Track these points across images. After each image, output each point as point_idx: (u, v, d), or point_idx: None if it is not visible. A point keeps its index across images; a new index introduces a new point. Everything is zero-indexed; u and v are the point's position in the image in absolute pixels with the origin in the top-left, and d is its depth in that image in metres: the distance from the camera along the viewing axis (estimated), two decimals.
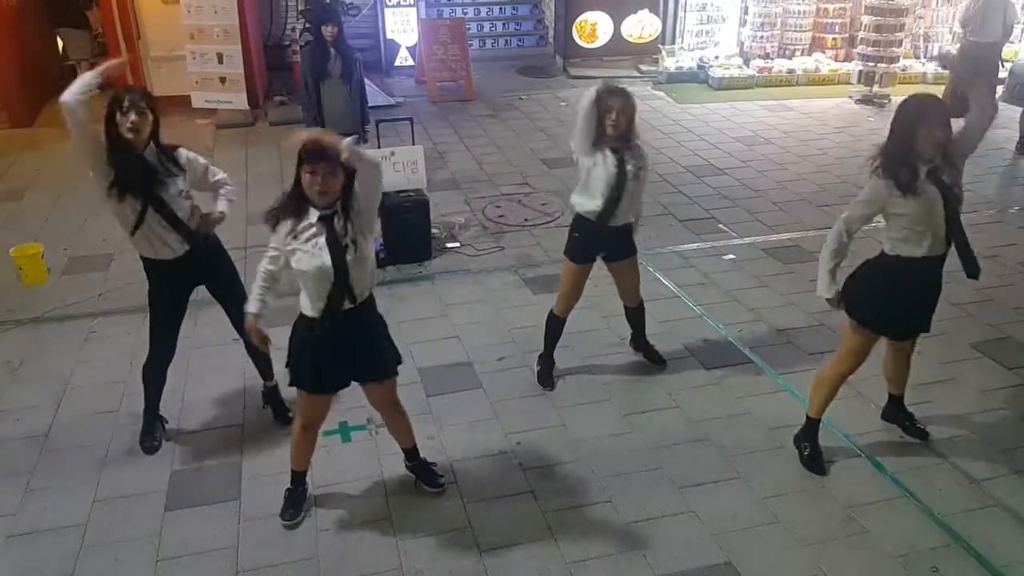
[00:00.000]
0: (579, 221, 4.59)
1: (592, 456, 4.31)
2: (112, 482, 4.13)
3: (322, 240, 3.29)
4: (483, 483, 4.12)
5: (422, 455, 4.10)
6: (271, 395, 4.64)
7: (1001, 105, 9.65)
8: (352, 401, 4.63)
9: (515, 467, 4.23)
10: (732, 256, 6.67)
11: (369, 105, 7.11)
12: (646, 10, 12.99)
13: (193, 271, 4.12)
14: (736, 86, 11.87)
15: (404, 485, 4.09)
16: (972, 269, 3.86)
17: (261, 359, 4.52)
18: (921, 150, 3.59)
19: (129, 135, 3.75)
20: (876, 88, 11.25)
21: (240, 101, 10.22)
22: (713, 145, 9.49)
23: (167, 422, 4.51)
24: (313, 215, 3.30)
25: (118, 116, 3.74)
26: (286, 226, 3.33)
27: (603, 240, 4.59)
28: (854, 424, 4.45)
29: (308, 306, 3.45)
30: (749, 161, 8.94)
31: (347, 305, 3.41)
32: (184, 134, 9.81)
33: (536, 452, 4.34)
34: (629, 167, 4.37)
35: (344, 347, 3.50)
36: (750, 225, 7.28)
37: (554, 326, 4.90)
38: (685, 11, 12.72)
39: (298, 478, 3.93)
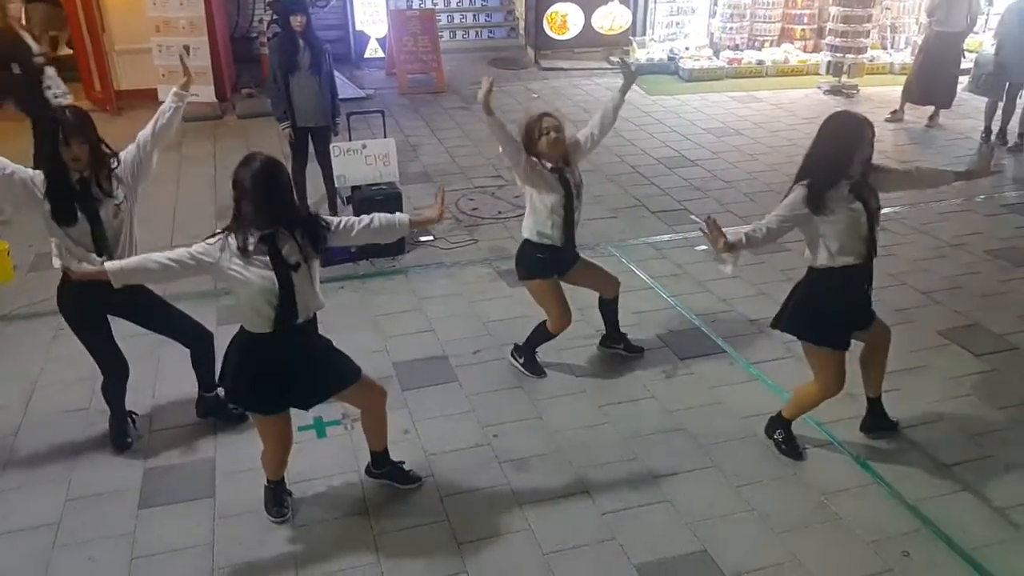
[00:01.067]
0: (538, 245, 4.58)
1: (568, 447, 4.34)
2: (84, 481, 4.09)
3: (266, 258, 3.28)
4: (460, 476, 4.13)
5: (391, 456, 4.07)
6: (212, 405, 4.51)
7: (966, 95, 9.86)
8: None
9: (492, 460, 4.25)
10: (704, 247, 6.71)
11: (339, 97, 7.05)
12: (616, 1, 13.01)
13: (106, 295, 3.83)
14: (706, 77, 11.95)
15: (380, 479, 4.08)
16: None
17: (206, 371, 4.41)
18: (853, 169, 3.69)
19: (73, 165, 3.70)
20: (844, 79, 11.39)
21: (207, 94, 10.10)
22: (684, 136, 9.55)
23: (137, 415, 4.47)
24: (256, 233, 3.27)
25: (61, 147, 3.66)
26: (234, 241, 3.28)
27: (563, 256, 4.65)
28: (826, 412, 4.51)
29: (257, 323, 3.39)
30: (720, 152, 9.01)
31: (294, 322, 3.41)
32: None
33: (512, 444, 4.36)
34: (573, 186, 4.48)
35: (299, 364, 3.49)
36: (721, 216, 7.23)
37: (544, 338, 4.90)
38: (655, 2, 12.79)
39: (274, 482, 3.91)
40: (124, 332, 4.26)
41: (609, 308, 5.03)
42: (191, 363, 4.41)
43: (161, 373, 4.89)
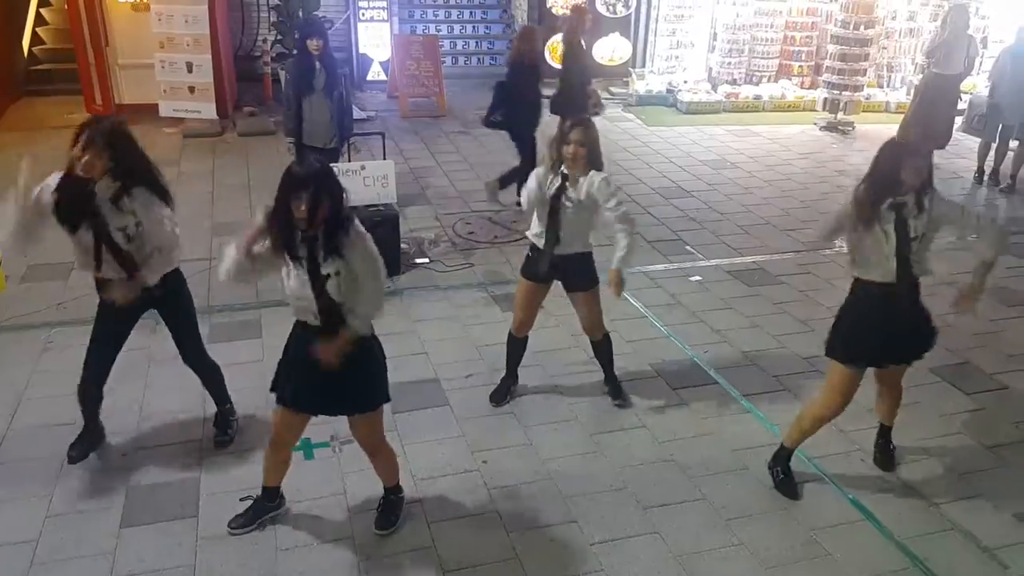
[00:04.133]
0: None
1: (558, 476, 4.28)
2: (66, 497, 4.01)
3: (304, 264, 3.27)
4: (448, 502, 4.07)
5: (401, 494, 4.00)
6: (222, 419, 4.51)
7: (960, 135, 9.93)
8: (315, 418, 4.57)
9: (480, 486, 4.19)
10: (698, 277, 6.70)
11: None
12: (617, 33, 13.15)
13: (142, 303, 3.97)
14: (704, 110, 12.02)
15: (367, 504, 4.01)
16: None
17: (215, 387, 4.43)
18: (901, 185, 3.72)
19: (80, 171, 3.61)
20: (840, 115, 11.45)
21: (209, 111, 10.11)
22: (681, 168, 9.57)
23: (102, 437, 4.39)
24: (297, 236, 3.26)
25: (74, 148, 3.60)
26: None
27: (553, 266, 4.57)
28: (817, 447, 4.47)
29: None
30: (716, 184, 9.02)
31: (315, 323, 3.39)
32: (150, 143, 9.60)
33: (502, 471, 4.29)
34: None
35: (316, 369, 3.41)
36: (716, 247, 7.33)
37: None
38: (655, 36, 12.89)
39: (267, 492, 3.84)
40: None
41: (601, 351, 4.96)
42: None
43: (148, 391, 4.82)
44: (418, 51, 11.81)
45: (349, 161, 6.85)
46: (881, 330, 3.92)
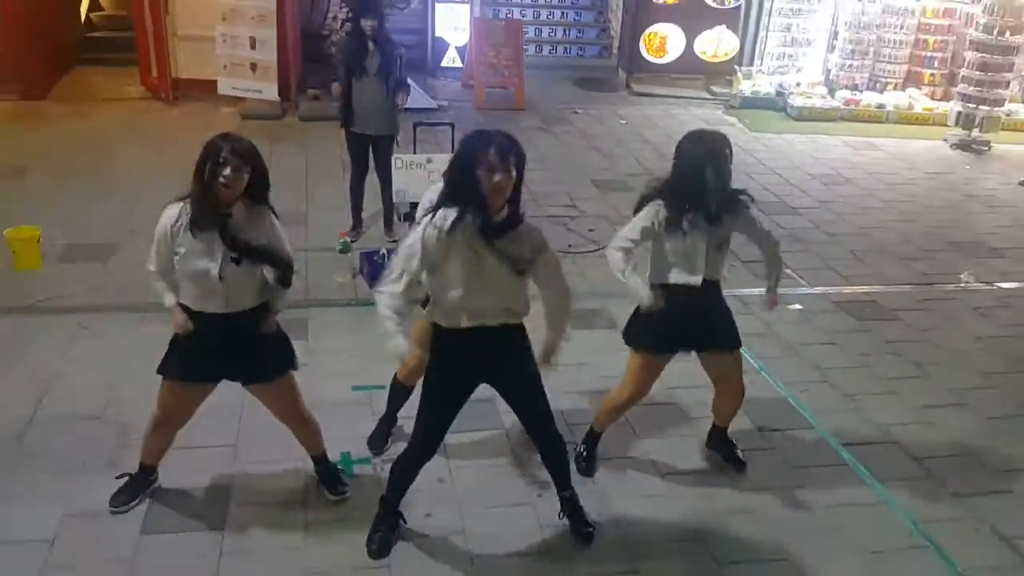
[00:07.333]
0: None
1: (623, 519, 4.22)
2: (87, 496, 4.09)
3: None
4: (494, 538, 4.03)
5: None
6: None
7: None
8: (358, 430, 4.59)
9: (533, 523, 4.14)
10: (799, 306, 6.56)
11: (408, 107, 7.11)
12: (723, 26, 12.98)
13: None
14: (818, 118, 11.80)
15: (408, 530, 4.00)
16: None
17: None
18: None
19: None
20: (975, 132, 11.09)
21: (270, 91, 10.32)
22: (787, 181, 9.41)
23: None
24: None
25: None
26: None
27: None
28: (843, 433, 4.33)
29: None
30: (826, 202, 8.85)
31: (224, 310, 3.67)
32: (205, 123, 9.93)
33: (559, 508, 4.22)
34: None
35: (224, 343, 3.72)
36: (822, 273, 7.17)
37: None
38: (767, 31, 12.71)
39: (145, 469, 4.08)
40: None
41: None
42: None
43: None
44: (499, 37, 11.89)
45: (414, 152, 6.90)
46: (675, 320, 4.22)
